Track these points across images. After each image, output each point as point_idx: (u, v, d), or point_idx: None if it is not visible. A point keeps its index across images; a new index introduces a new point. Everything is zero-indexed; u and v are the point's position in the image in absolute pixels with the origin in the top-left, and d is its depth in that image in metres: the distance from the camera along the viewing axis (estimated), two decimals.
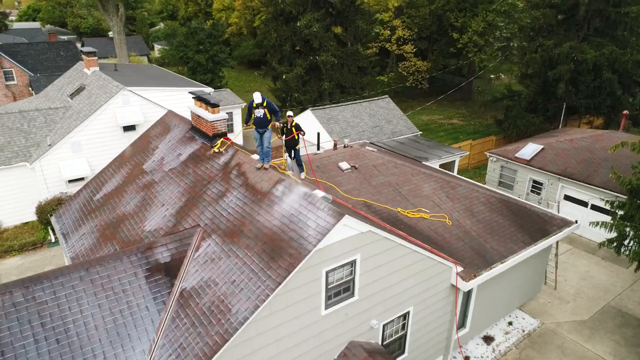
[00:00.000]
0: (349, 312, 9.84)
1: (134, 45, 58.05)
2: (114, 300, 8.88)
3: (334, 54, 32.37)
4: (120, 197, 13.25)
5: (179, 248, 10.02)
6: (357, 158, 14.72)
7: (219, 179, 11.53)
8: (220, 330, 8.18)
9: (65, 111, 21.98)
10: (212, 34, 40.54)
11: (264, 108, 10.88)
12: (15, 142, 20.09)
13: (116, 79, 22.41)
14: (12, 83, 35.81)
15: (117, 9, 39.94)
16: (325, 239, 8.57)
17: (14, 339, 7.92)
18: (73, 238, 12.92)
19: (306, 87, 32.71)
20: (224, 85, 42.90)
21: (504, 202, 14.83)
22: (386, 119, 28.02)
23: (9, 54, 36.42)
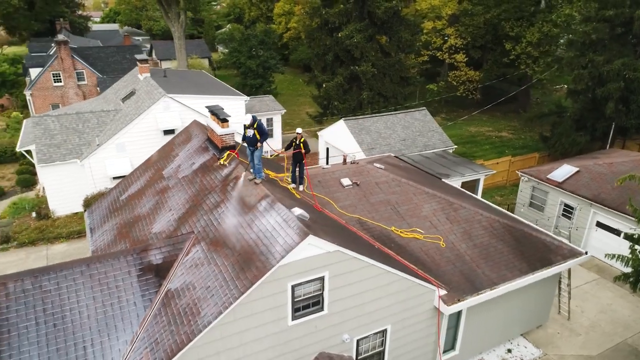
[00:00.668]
0: (318, 325, 10.45)
1: (196, 48, 61.45)
2: (107, 294, 10.14)
3: (376, 64, 32.69)
4: (140, 199, 14.70)
5: (171, 252, 11.13)
6: (361, 175, 15.20)
7: (218, 190, 12.55)
8: (187, 330, 9.14)
9: (116, 114, 24.23)
10: (264, 41, 42.22)
11: (254, 129, 11.75)
12: (70, 140, 22.52)
13: (162, 85, 24.34)
14: (83, 83, 39.55)
15: (178, 16, 42.75)
16: (289, 255, 9.27)
17: (19, 320, 9.36)
18: (97, 233, 14.54)
19: (346, 96, 33.31)
20: (273, 90, 44.51)
21: (508, 228, 14.65)
22: (420, 132, 27.97)
23: (82, 57, 40.26)
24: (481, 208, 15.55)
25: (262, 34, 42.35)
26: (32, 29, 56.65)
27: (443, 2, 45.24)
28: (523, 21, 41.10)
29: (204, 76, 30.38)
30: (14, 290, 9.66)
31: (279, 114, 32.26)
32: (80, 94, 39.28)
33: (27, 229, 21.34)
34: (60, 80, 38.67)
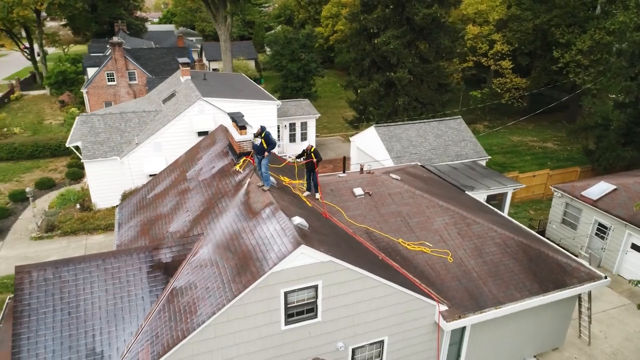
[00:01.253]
0: (311, 331, 10.79)
1: (244, 50, 63.22)
2: (118, 288, 10.97)
3: (413, 70, 32.45)
4: (163, 198, 15.63)
5: (180, 251, 11.84)
6: (375, 185, 15.35)
7: (230, 195, 13.17)
8: (184, 327, 9.76)
9: (156, 114, 25.63)
10: (306, 44, 42.90)
11: (261, 138, 12.25)
12: (112, 138, 24.09)
13: (200, 88, 25.48)
14: (134, 83, 41.90)
15: (225, 19, 44.27)
16: (282, 263, 9.67)
17: (39, 305, 10.35)
18: (123, 228, 15.60)
19: (381, 102, 33.29)
20: (313, 93, 45.11)
21: (522, 246, 14.32)
22: (453, 141, 27.56)
23: (134, 57, 42.66)
24: (498, 224, 15.27)
25: (304, 38, 43.02)
26: (93, 30, 60.52)
27: (490, 7, 44.12)
28: (575, 27, 39.35)
29: (242, 79, 31.40)
30: (37, 278, 10.67)
31: (313, 118, 32.76)
32: (131, 93, 41.66)
33: (70, 219, 23.05)
34: (114, 79, 41.18)
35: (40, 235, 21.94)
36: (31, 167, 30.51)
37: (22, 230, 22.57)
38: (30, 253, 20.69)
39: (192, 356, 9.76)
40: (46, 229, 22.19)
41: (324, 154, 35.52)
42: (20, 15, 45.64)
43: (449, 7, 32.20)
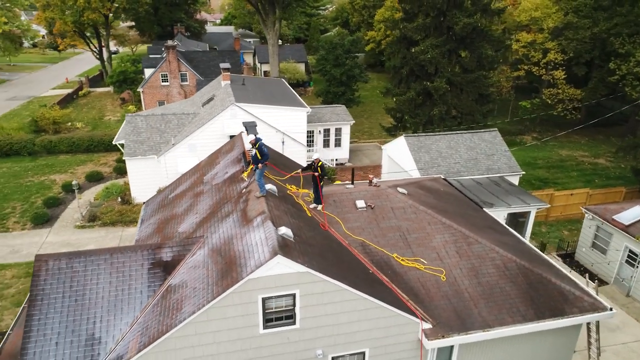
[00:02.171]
0: (290, 337, 11.34)
1: (295, 53, 64.64)
2: (121, 281, 12.09)
3: (452, 79, 31.98)
4: (181, 199, 16.78)
5: (180, 252, 12.80)
6: (379, 198, 15.58)
7: (233, 201, 13.99)
8: (168, 322, 10.66)
9: (194, 117, 27.18)
10: (350, 50, 43.30)
11: (255, 149, 12.94)
12: (152, 138, 25.88)
13: (236, 93, 26.71)
14: (185, 84, 44.30)
15: (274, 24, 45.67)
16: (259, 270, 10.31)
17: (51, 291, 11.67)
18: (144, 224, 16.93)
19: (418, 111, 33.07)
20: (356, 98, 45.42)
21: (524, 270, 14.01)
22: (486, 153, 26.95)
23: (187, 60, 45.07)
24: (503, 245, 15.01)
25: (348, 44, 43.44)
26: (156, 32, 64.41)
27: (546, 14, 42.33)
28: (637, 37, 36.93)
29: (280, 85, 32.40)
30: (52, 267, 12.02)
31: (348, 124, 33.17)
32: (182, 93, 44.07)
33: (111, 211, 25.06)
34: (167, 80, 43.77)
35: (83, 224, 24.07)
36: (85, 160, 33.31)
37: (68, 219, 24.85)
38: (73, 240, 22.79)
39: (174, 349, 10.62)
40: (89, 219, 24.29)
41: (359, 160, 35.84)
42: (90, 18, 49.57)
43: (493, 16, 31.37)
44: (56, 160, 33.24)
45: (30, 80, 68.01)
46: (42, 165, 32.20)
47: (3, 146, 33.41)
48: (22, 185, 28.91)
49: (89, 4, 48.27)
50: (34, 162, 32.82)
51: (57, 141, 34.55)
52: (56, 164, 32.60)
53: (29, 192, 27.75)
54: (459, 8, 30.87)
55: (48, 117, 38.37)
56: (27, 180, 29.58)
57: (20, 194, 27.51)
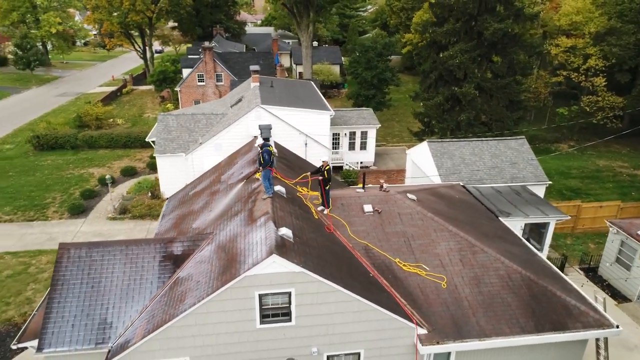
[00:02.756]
0: (286, 333, 11.84)
1: (330, 55, 65.18)
2: (134, 271, 12.98)
3: (482, 85, 31.56)
4: (199, 197, 17.64)
5: (190, 247, 13.58)
6: (387, 203, 15.83)
7: (243, 200, 14.65)
8: (172, 312, 11.41)
9: (222, 117, 28.20)
10: (382, 54, 43.38)
11: (260, 153, 13.51)
12: (182, 137, 27.07)
13: (263, 95, 27.52)
14: (220, 84, 45.74)
15: (307, 27, 46.37)
16: (255, 268, 10.88)
17: (71, 277, 12.69)
18: (165, 219, 17.90)
19: (445, 116, 32.83)
20: (387, 101, 45.43)
21: (528, 282, 13.91)
22: (511, 162, 26.51)
23: (223, 61, 46.51)
24: (510, 255, 14.93)
25: (381, 47, 43.53)
26: (197, 33, 66.64)
27: (588, 18, 40.87)
28: None
29: (308, 88, 32.99)
30: (73, 255, 13.06)
31: (374, 128, 33.34)
32: (217, 93, 45.53)
33: (141, 204, 26.42)
34: (203, 80, 45.35)
35: (115, 216, 25.52)
36: (122, 155, 35.14)
37: (102, 210, 26.41)
38: (104, 231, 24.24)
39: (176, 338, 11.36)
40: (120, 211, 25.74)
41: (385, 163, 35.92)
42: (134, 20, 51.99)
43: (525, 21, 30.72)
44: (95, 155, 35.24)
45: (80, 78, 71.93)
46: (83, 159, 34.24)
47: (49, 140, 35.76)
48: (63, 177, 30.90)
49: (134, 7, 50.65)
50: (76, 156, 34.94)
51: (98, 136, 36.61)
52: (95, 158, 34.58)
53: (69, 184, 29.65)
54: (491, 13, 30.44)
55: (91, 114, 40.65)
56: (68, 173, 31.58)
57: (61, 186, 29.44)
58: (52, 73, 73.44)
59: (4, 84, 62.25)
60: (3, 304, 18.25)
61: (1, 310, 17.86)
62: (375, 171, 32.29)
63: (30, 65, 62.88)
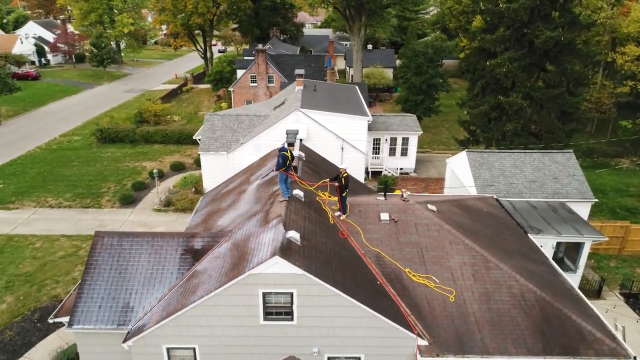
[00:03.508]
0: (288, 332, 12.41)
1: (385, 58, 65.04)
2: (157, 261, 14.10)
3: (532, 95, 30.43)
4: (228, 195, 18.64)
5: (210, 242, 14.50)
6: (405, 213, 15.95)
7: (263, 202, 15.39)
8: (183, 302, 12.33)
9: (265, 119, 29.27)
10: (432, 59, 42.78)
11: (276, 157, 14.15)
12: (225, 136, 28.44)
13: (304, 99, 28.28)
14: (271, 85, 47.17)
15: (359, 30, 46.67)
16: (258, 267, 11.54)
17: (102, 262, 14.01)
18: (197, 215, 19.08)
19: (491, 125, 31.96)
20: (435, 107, 44.74)
21: (542, 303, 13.53)
22: (554, 176, 25.48)
23: (275, 63, 47.92)
24: (528, 274, 14.57)
25: (432, 52, 42.95)
26: (255, 34, 68.91)
27: None
28: None
29: (351, 92, 33.36)
30: (106, 242, 14.40)
31: (415, 134, 33.12)
32: (267, 94, 46.99)
33: (184, 198, 28.07)
34: (255, 81, 46.99)
35: (160, 208, 27.32)
36: (174, 151, 37.34)
37: (149, 202, 28.35)
38: (149, 221, 26.06)
39: (186, 326, 12.28)
40: (165, 204, 27.51)
41: (426, 170, 35.54)
42: (196, 22, 54.80)
43: (581, 30, 29.22)
44: (150, 149, 37.71)
45: (147, 75, 76.71)
46: (138, 153, 36.78)
47: (111, 134, 38.72)
48: (119, 168, 33.42)
49: (196, 9, 53.40)
50: (133, 150, 37.59)
51: (154, 132, 39.13)
52: (150, 152, 37.01)
53: (123, 175, 32.03)
54: (544, 20, 29.26)
55: (150, 110, 43.46)
56: (124, 165, 34.10)
57: (116, 177, 31.88)
58: (123, 70, 78.88)
59: (80, 80, 67.79)
60: (53, 281, 20.30)
61: (51, 287, 19.89)
62: (413, 178, 32.09)
63: (103, 62, 67.99)
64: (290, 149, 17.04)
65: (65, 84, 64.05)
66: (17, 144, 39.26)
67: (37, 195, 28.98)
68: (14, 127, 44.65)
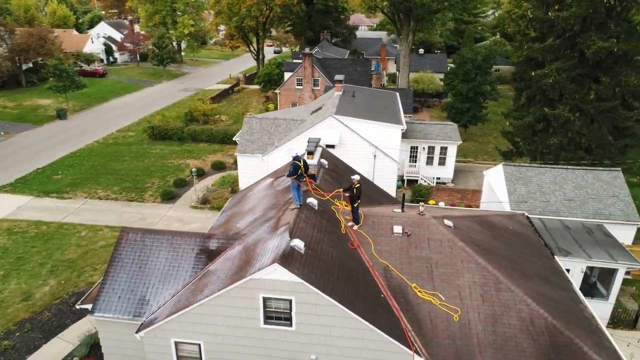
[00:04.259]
0: (287, 337, 12.80)
1: (436, 63, 63.77)
2: (174, 259, 14.96)
3: (581, 107, 28.90)
4: (251, 198, 19.32)
5: (224, 244, 15.18)
6: (419, 227, 15.83)
7: (278, 208, 15.88)
8: (191, 300, 13.06)
9: (301, 123, 29.85)
10: (481, 66, 41.55)
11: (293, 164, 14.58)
12: (261, 139, 29.30)
13: (340, 105, 28.57)
14: (316, 88, 47.77)
15: (407, 35, 46.21)
16: (258, 273, 12.01)
17: (125, 256, 15.08)
18: (222, 215, 19.92)
19: (535, 138, 30.66)
20: (483, 116, 43.42)
21: (551, 330, 13.02)
22: (598, 196, 24.21)
23: (322, 66, 48.50)
24: (541, 298, 14.05)
25: (481, 59, 41.73)
26: (308, 36, 69.97)
27: None
28: None
29: (390, 99, 33.19)
30: (130, 238, 15.47)
31: (454, 144, 32.41)
32: (312, 97, 47.64)
33: (220, 197, 29.24)
34: (301, 84, 47.79)
35: (196, 205, 28.64)
36: (217, 150, 38.86)
37: (187, 199, 29.79)
38: (185, 217, 27.41)
39: (192, 323, 12.99)
40: (201, 201, 28.80)
41: (465, 181, 34.67)
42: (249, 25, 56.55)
43: (638, 40, 27.34)
44: (196, 148, 39.49)
45: (204, 74, 79.99)
46: (184, 151, 38.64)
47: (161, 131, 40.94)
48: (164, 165, 35.31)
49: (249, 13, 55.10)
50: (180, 147, 39.53)
51: (200, 131, 40.93)
52: (195, 150, 38.77)
53: (167, 172, 33.83)
54: (599, 29, 27.68)
55: (200, 110, 45.45)
56: (169, 162, 35.97)
57: (161, 173, 33.72)
58: (182, 69, 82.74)
59: (141, 78, 71.95)
60: (92, 269, 21.97)
61: (89, 274, 21.55)
62: (449, 189, 31.45)
63: (163, 61, 71.70)
64: (309, 158, 17.50)
65: (128, 81, 68.23)
66: (78, 137, 42.48)
67: (89, 186, 31.31)
68: (78, 122, 48.30)
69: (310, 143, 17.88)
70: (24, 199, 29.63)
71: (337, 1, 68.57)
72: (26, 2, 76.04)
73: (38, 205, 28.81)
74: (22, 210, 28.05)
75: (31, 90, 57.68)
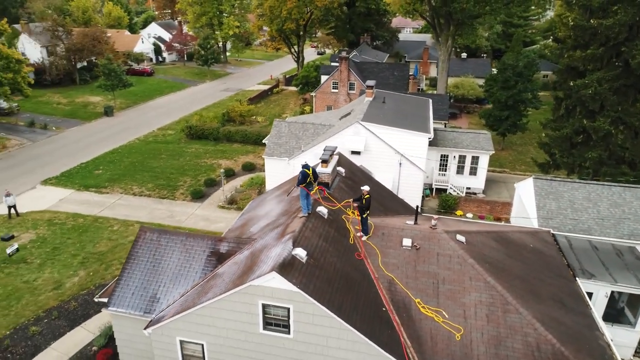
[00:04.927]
0: (285, 343, 13.01)
1: (479, 67, 62.09)
2: (185, 259, 15.52)
3: (624, 120, 27.36)
4: (268, 203, 19.68)
5: (234, 248, 15.59)
6: (429, 241, 15.60)
7: (288, 215, 16.11)
8: (196, 301, 13.53)
9: (328, 128, 29.99)
10: (522, 73, 40.08)
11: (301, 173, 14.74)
12: (289, 143, 29.68)
13: (369, 111, 28.49)
14: (352, 92, 47.71)
15: (446, 40, 45.33)
16: (257, 280, 12.28)
17: (141, 254, 15.79)
18: (240, 218, 20.41)
19: (573, 150, 29.29)
20: (522, 124, 41.89)
21: (559, 357, 12.51)
22: (635, 215, 22.87)
23: (358, 70, 48.39)
24: (552, 323, 13.52)
25: (522, 66, 40.25)
26: (349, 39, 69.98)
27: None
28: None
29: (421, 106, 32.69)
30: (147, 237, 16.18)
31: (487, 154, 31.52)
32: (347, 100, 47.63)
33: (247, 198, 29.87)
34: (337, 87, 47.91)
35: (224, 205, 29.42)
36: (249, 151, 39.67)
37: (216, 199, 30.65)
38: (211, 217, 28.23)
39: (196, 323, 13.45)
40: (229, 201, 29.54)
41: (497, 192, 33.62)
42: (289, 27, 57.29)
43: None
44: (230, 148, 40.49)
45: (246, 75, 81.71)
46: (218, 151, 39.72)
47: (197, 131, 42.28)
48: (198, 164, 36.46)
49: (290, 15, 55.83)
50: (214, 147, 40.67)
51: (234, 132, 41.93)
52: (228, 151, 39.77)
53: (200, 171, 34.92)
54: None
55: (236, 110, 46.53)
56: (203, 161, 37.11)
57: (194, 172, 34.86)
58: (226, 69, 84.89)
59: (186, 77, 74.47)
60: (119, 262, 23.08)
61: (116, 267, 22.66)
62: (478, 200, 30.62)
63: (207, 62, 73.85)
64: (323, 166, 17.61)
65: (174, 80, 70.82)
66: (122, 134, 44.63)
67: (126, 182, 32.86)
68: (123, 119, 50.71)
69: (325, 152, 18.00)
70: (66, 192, 31.53)
71: (379, 4, 68.11)
72: (84, 4, 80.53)
73: (78, 198, 30.57)
74: (63, 203, 29.87)
75: (84, 88, 61.11)
